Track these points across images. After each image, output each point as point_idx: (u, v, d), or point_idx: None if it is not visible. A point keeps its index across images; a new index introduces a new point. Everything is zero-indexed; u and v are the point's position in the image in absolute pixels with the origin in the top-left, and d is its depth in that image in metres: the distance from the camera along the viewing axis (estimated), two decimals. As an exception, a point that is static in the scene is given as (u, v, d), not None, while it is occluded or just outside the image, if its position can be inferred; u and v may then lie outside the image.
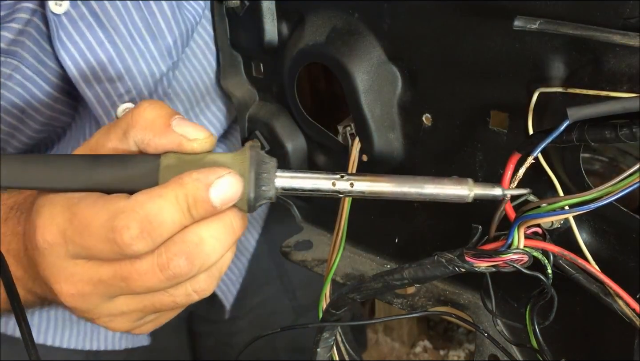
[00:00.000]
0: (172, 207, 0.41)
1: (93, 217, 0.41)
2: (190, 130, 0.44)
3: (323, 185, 0.44)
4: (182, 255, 0.42)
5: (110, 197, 0.42)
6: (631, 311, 0.44)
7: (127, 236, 0.40)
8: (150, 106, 0.44)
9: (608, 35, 0.42)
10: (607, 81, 0.44)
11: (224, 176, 0.42)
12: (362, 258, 0.71)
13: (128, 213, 0.40)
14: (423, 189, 0.44)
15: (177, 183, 0.41)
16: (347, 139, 0.64)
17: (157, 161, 0.43)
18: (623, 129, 0.41)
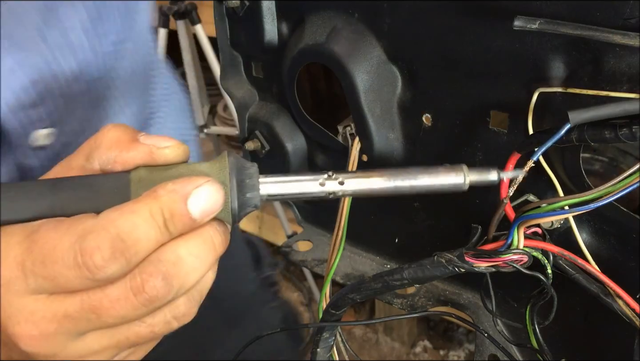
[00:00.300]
0: (147, 223, 0.37)
1: (57, 241, 0.36)
2: (159, 140, 0.41)
3: (310, 187, 0.40)
4: (158, 275, 0.37)
5: (75, 218, 0.38)
6: (631, 311, 0.44)
7: (99, 258, 0.36)
8: (113, 127, 0.41)
9: (608, 35, 0.42)
10: (607, 81, 0.44)
11: (203, 185, 0.38)
12: (362, 258, 0.71)
13: (98, 232, 0.36)
14: (416, 181, 0.41)
15: (151, 196, 0.38)
16: (347, 139, 0.64)
17: (126, 176, 0.39)
18: (623, 129, 0.41)
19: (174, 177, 0.39)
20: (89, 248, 0.36)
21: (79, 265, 0.36)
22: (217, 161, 0.40)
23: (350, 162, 0.62)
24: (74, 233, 0.36)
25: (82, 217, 0.38)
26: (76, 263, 0.36)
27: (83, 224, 0.37)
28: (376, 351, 2.23)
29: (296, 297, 2.49)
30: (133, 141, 0.40)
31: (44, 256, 0.36)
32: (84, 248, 0.36)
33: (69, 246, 0.36)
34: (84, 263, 0.36)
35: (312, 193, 0.40)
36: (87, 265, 0.36)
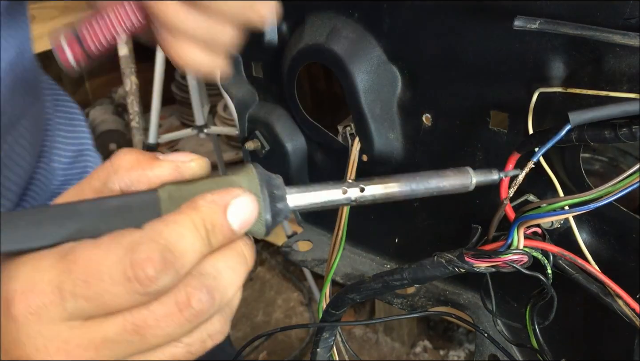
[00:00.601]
0: (192, 234, 0.36)
1: (101, 257, 0.34)
2: (181, 155, 0.40)
3: (334, 196, 0.41)
4: (203, 289, 0.36)
5: (115, 233, 0.36)
6: (631, 311, 0.44)
7: (151, 270, 0.34)
8: (129, 151, 0.40)
9: (608, 35, 0.42)
10: (607, 81, 0.44)
11: (240, 195, 0.37)
12: (362, 258, 0.71)
13: (147, 243, 0.34)
14: (429, 184, 0.43)
15: (191, 207, 0.37)
16: (347, 139, 0.64)
17: (154, 193, 0.38)
18: (622, 129, 0.41)
19: (206, 190, 0.38)
20: (139, 259, 0.34)
21: (129, 279, 0.34)
22: (244, 173, 0.40)
23: (350, 162, 0.62)
24: (121, 247, 0.34)
25: (123, 231, 0.36)
26: (126, 277, 0.34)
27: (128, 236, 0.35)
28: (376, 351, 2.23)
29: (296, 297, 2.49)
30: (154, 159, 0.39)
31: (87, 275, 0.34)
32: (135, 260, 0.34)
33: (116, 260, 0.34)
34: (135, 275, 0.34)
35: (336, 201, 0.41)
36: (139, 278, 0.34)
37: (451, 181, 0.43)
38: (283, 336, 2.27)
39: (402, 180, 0.42)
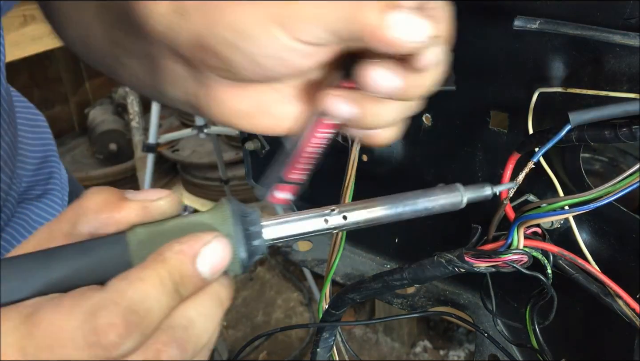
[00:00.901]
0: (158, 290, 0.34)
1: (63, 322, 0.33)
2: (149, 193, 0.38)
3: (315, 225, 0.40)
4: (172, 344, 0.35)
5: (76, 292, 0.34)
6: (631, 311, 0.44)
7: (114, 335, 0.33)
8: (97, 191, 0.38)
9: (608, 35, 0.42)
10: (607, 81, 0.44)
11: (210, 242, 0.36)
12: (362, 258, 0.71)
13: (108, 307, 0.33)
14: (417, 206, 0.41)
15: (158, 260, 0.35)
16: (347, 139, 0.64)
17: (123, 238, 0.37)
18: (623, 129, 0.41)
19: (175, 232, 0.37)
20: (101, 325, 0.33)
21: (91, 345, 0.33)
22: (217, 210, 0.38)
23: (350, 162, 0.62)
24: (81, 311, 0.33)
25: (85, 291, 0.34)
26: (88, 343, 0.33)
27: (90, 299, 0.34)
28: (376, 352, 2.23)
29: (296, 297, 2.49)
30: (122, 200, 0.38)
31: (50, 340, 0.33)
32: (96, 326, 0.33)
33: (77, 326, 0.33)
34: (98, 342, 0.33)
35: (317, 231, 0.40)
36: (102, 344, 0.33)
37: (441, 202, 0.42)
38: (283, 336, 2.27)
39: (388, 204, 0.41)
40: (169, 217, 0.38)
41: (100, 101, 3.25)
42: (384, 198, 0.41)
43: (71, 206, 0.38)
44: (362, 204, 0.41)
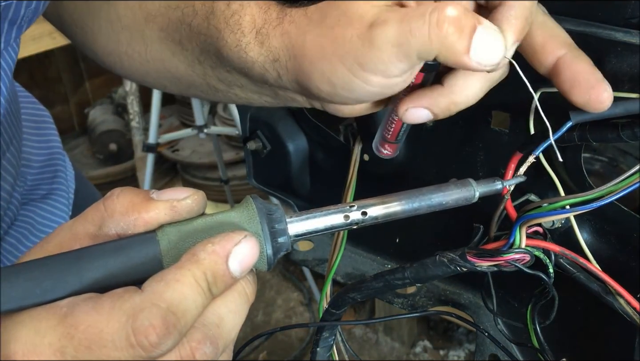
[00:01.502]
0: (193, 291, 0.36)
1: (103, 324, 0.34)
2: (175, 192, 0.39)
3: (336, 221, 0.41)
4: (206, 341, 0.36)
5: (115, 294, 0.35)
6: (632, 310, 0.44)
7: (154, 337, 0.34)
8: (122, 192, 0.39)
9: (610, 33, 0.42)
10: (609, 80, 0.44)
11: (241, 241, 0.37)
12: (362, 257, 0.71)
13: (149, 309, 0.34)
14: (432, 201, 0.42)
15: (192, 260, 0.36)
16: (349, 138, 0.64)
17: (153, 238, 0.38)
18: (624, 129, 0.41)
19: (204, 231, 0.38)
20: (142, 327, 0.34)
21: (132, 346, 0.34)
22: (244, 209, 0.39)
23: (352, 161, 0.62)
24: (122, 313, 0.34)
25: (122, 292, 0.35)
26: (130, 344, 0.34)
27: (129, 301, 0.34)
28: (376, 351, 2.23)
29: (296, 297, 2.49)
30: (148, 200, 0.38)
31: (89, 341, 0.34)
32: (137, 327, 0.34)
33: (118, 327, 0.34)
34: (139, 342, 0.34)
35: (337, 226, 0.41)
36: (142, 345, 0.34)
37: (454, 196, 0.43)
38: (283, 336, 2.27)
39: (404, 199, 0.42)
40: (196, 215, 0.39)
41: (100, 101, 3.25)
42: (400, 194, 0.42)
43: (95, 208, 0.39)
44: (380, 200, 0.42)
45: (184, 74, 0.56)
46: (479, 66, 0.39)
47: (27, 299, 0.35)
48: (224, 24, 0.48)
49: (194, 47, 0.53)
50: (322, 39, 0.43)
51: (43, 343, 0.34)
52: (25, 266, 0.36)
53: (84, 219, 0.39)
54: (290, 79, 0.46)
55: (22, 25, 0.55)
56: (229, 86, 0.53)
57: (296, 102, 0.51)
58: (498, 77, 0.44)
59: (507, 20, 0.40)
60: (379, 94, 0.44)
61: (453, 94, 0.44)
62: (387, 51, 0.40)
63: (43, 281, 0.35)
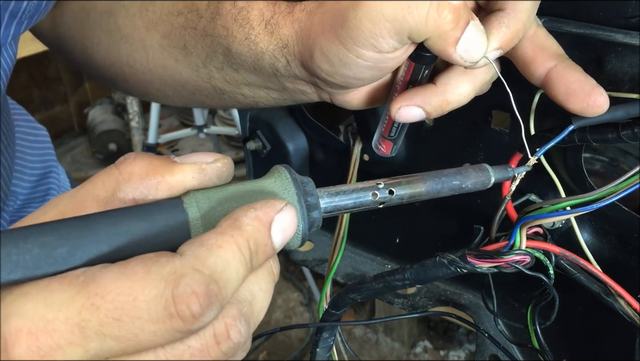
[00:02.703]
0: (236, 259, 0.32)
1: (137, 291, 0.29)
2: (203, 155, 0.35)
3: (365, 199, 0.38)
4: (241, 318, 0.32)
5: (149, 258, 0.30)
6: (632, 311, 0.44)
7: (197, 306, 0.29)
8: (139, 156, 0.35)
9: (610, 34, 0.42)
10: (609, 80, 0.44)
11: (283, 209, 0.33)
12: (362, 258, 0.71)
13: (191, 274, 0.30)
14: (453, 185, 0.41)
15: (234, 226, 0.32)
16: (349, 138, 0.64)
17: (180, 204, 0.33)
18: (625, 130, 0.41)
19: (237, 199, 0.34)
20: (184, 294, 0.29)
21: (170, 316, 0.29)
22: (277, 177, 0.36)
23: (352, 162, 0.62)
24: (160, 278, 0.29)
25: (156, 257, 0.30)
26: (168, 314, 0.29)
27: (167, 265, 0.30)
28: (376, 352, 2.23)
29: (296, 297, 2.49)
30: (172, 163, 0.34)
31: (120, 312, 0.29)
32: (178, 294, 0.29)
33: (157, 295, 0.29)
34: (180, 312, 0.29)
35: (366, 204, 0.39)
36: (183, 315, 0.29)
37: (473, 180, 0.42)
38: (283, 336, 2.27)
39: (429, 181, 0.41)
40: (225, 183, 0.35)
41: (99, 101, 3.26)
42: (424, 175, 0.41)
43: (107, 172, 0.35)
44: (405, 179, 0.40)
45: (188, 79, 0.56)
46: (460, 59, 0.41)
47: (37, 268, 0.30)
48: (232, 21, 0.49)
49: (200, 51, 0.53)
50: (324, 15, 0.43)
51: (57, 317, 0.29)
52: (35, 229, 0.30)
53: (92, 185, 0.34)
54: (297, 63, 0.46)
55: (22, 21, 0.55)
56: (236, 85, 0.53)
57: (305, 95, 0.51)
58: (489, 78, 0.45)
59: (497, 27, 0.41)
60: (375, 69, 0.44)
61: (446, 92, 0.44)
62: (379, 24, 0.40)
63: (57, 248, 0.30)
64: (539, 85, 0.43)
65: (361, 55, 0.42)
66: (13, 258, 0.29)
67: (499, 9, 0.42)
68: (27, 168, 0.79)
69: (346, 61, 0.43)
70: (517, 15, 0.41)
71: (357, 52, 0.42)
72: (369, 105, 0.50)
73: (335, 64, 0.44)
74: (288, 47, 0.46)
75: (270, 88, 0.52)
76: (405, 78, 0.45)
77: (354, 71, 0.44)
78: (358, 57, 0.42)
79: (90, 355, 0.30)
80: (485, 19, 0.42)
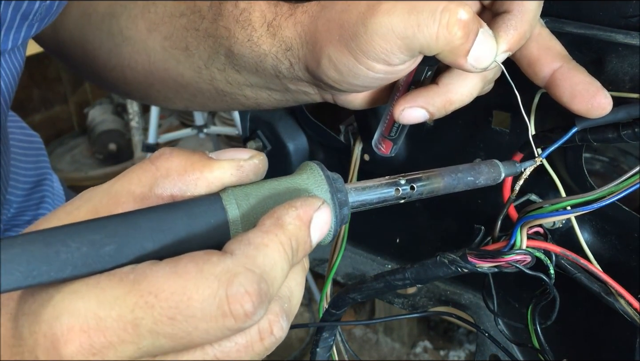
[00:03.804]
0: (282, 257, 0.32)
1: (191, 290, 0.29)
2: (239, 152, 0.35)
3: (389, 194, 0.39)
4: (283, 314, 0.33)
5: (199, 257, 0.31)
6: (633, 310, 0.44)
7: (249, 305, 0.30)
8: (174, 150, 0.35)
9: (610, 35, 0.42)
10: (610, 80, 0.44)
11: (320, 208, 0.34)
12: (363, 258, 0.71)
13: (244, 274, 0.30)
14: (467, 180, 0.42)
15: (276, 224, 0.33)
16: (349, 138, 0.64)
17: (219, 200, 0.34)
18: (625, 129, 0.41)
19: (274, 197, 0.35)
20: (239, 293, 0.30)
21: (224, 315, 0.30)
22: (309, 174, 0.36)
23: (353, 161, 0.62)
24: (214, 277, 0.30)
25: (207, 255, 0.31)
26: (222, 313, 0.30)
27: (220, 264, 0.30)
28: (376, 352, 2.23)
29: (296, 297, 2.49)
30: (209, 159, 0.35)
31: (175, 311, 0.29)
32: (233, 294, 0.30)
33: (211, 294, 0.30)
34: (233, 311, 0.30)
35: (389, 199, 0.39)
36: (237, 314, 0.30)
37: (485, 175, 0.42)
38: (283, 336, 2.27)
39: (446, 176, 0.41)
40: (261, 180, 0.36)
41: (99, 101, 3.26)
42: (440, 171, 0.42)
43: (143, 168, 0.34)
44: (424, 175, 0.41)
45: (190, 81, 0.56)
46: (471, 67, 0.41)
47: (85, 266, 0.30)
48: (234, 23, 0.49)
49: (202, 52, 0.53)
50: (330, 23, 0.43)
51: (110, 315, 0.29)
52: (82, 227, 0.30)
53: (127, 180, 0.34)
54: (302, 67, 0.47)
55: (32, 23, 0.54)
56: (239, 87, 0.53)
57: (307, 96, 0.51)
58: (492, 77, 0.45)
59: (505, 29, 0.41)
60: (384, 80, 0.44)
61: (449, 93, 0.44)
62: (390, 41, 0.40)
63: (104, 246, 0.30)
64: (543, 85, 0.43)
65: (372, 68, 0.43)
66: (62, 257, 0.29)
67: (505, 11, 0.42)
68: (20, 176, 0.78)
69: (356, 71, 0.43)
70: (524, 17, 0.41)
71: (367, 65, 0.42)
72: (371, 105, 0.50)
73: (344, 73, 0.44)
74: (292, 50, 0.46)
75: (272, 89, 0.52)
76: (407, 79, 0.45)
77: (362, 81, 0.44)
78: (369, 70, 0.43)
79: (142, 352, 0.30)
80: (492, 22, 0.42)
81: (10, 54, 0.56)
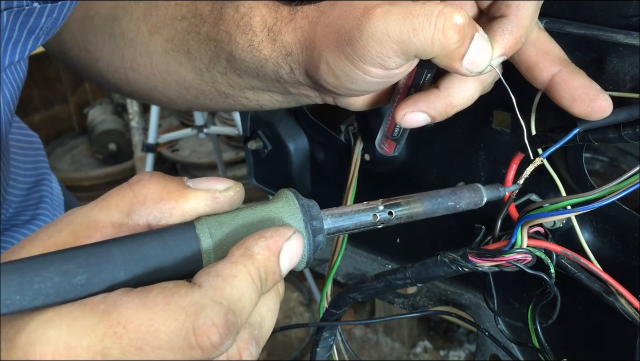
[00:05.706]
0: (250, 288, 0.33)
1: (158, 322, 0.30)
2: (216, 182, 0.36)
3: (366, 220, 0.39)
4: (252, 341, 0.34)
5: (168, 289, 0.31)
6: (633, 310, 0.44)
7: (216, 337, 0.30)
8: (152, 176, 0.35)
9: (611, 35, 0.42)
10: (610, 80, 0.44)
11: (291, 237, 0.35)
12: (363, 258, 0.71)
13: (211, 306, 0.31)
14: (447, 205, 0.42)
15: (245, 255, 0.33)
16: (350, 138, 0.64)
17: (192, 230, 0.34)
18: (626, 129, 0.41)
19: (247, 226, 0.35)
20: (205, 326, 0.30)
21: (190, 347, 0.30)
22: (284, 202, 0.37)
23: (353, 161, 0.62)
24: (180, 310, 0.30)
25: (175, 287, 0.31)
26: (188, 345, 0.30)
27: (187, 297, 0.31)
28: (376, 352, 2.23)
29: (296, 297, 2.49)
30: (186, 188, 0.35)
31: (142, 342, 0.30)
32: (200, 326, 0.30)
33: (177, 326, 0.30)
34: (200, 343, 0.30)
35: (366, 225, 0.40)
36: (203, 345, 0.30)
37: (466, 200, 0.43)
38: (283, 336, 2.27)
39: (425, 202, 0.42)
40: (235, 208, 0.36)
41: (99, 101, 3.26)
42: (420, 196, 0.42)
43: (120, 193, 0.35)
44: (403, 200, 0.41)
45: (192, 83, 0.56)
46: (467, 71, 0.41)
47: (58, 295, 0.31)
48: (235, 27, 0.49)
49: (203, 55, 0.53)
50: (328, 29, 0.43)
51: (80, 345, 0.30)
52: (54, 256, 0.31)
53: (106, 206, 0.35)
54: (302, 72, 0.47)
55: (39, 36, 0.54)
56: (240, 90, 0.54)
57: (309, 98, 0.51)
58: (492, 79, 0.46)
59: (501, 34, 0.41)
60: (382, 84, 0.45)
61: (450, 96, 0.45)
62: (386, 45, 0.41)
63: (76, 276, 0.31)
64: (543, 89, 0.43)
65: (368, 72, 0.43)
66: (35, 286, 0.30)
67: (501, 15, 0.42)
68: (19, 176, 0.78)
69: (353, 76, 0.44)
70: (520, 22, 0.41)
71: (364, 70, 0.43)
72: (372, 106, 0.50)
73: (342, 78, 0.44)
74: (292, 56, 0.46)
75: (274, 92, 0.52)
76: (407, 82, 0.46)
77: (359, 85, 0.45)
78: (365, 74, 0.43)
79: None
80: (488, 26, 0.42)
81: (15, 64, 0.56)
